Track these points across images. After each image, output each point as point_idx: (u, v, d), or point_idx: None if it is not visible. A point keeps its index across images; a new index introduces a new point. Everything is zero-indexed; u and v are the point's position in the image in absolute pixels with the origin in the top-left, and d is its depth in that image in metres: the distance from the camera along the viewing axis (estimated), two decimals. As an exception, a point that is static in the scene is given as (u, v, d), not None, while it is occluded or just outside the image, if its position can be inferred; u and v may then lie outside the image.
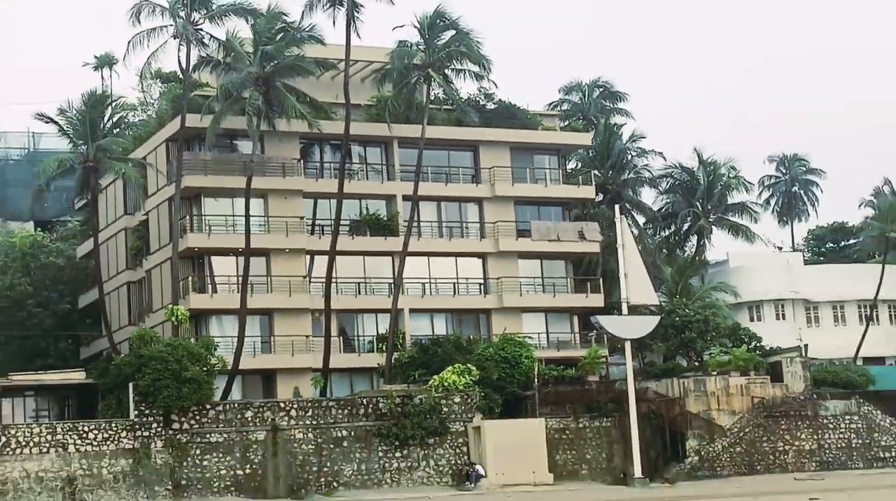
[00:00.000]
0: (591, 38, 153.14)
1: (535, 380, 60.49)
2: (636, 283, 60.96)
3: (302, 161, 65.32)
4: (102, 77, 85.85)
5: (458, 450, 57.79)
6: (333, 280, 62.12)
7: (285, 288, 62.86)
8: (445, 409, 57.82)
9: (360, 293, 65.29)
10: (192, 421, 54.19)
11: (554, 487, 56.77)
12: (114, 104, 64.66)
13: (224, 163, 63.03)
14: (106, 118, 63.06)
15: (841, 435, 63.60)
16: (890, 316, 78.09)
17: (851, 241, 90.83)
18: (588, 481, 59.31)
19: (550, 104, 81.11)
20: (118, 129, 64.83)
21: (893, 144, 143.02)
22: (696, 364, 67.31)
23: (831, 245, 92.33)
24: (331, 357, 61.64)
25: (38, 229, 78.32)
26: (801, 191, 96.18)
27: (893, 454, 63.96)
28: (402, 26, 63.83)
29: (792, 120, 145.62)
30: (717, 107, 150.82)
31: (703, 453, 61.07)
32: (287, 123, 62.37)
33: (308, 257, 64.30)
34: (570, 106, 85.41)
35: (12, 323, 65.95)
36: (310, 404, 56.90)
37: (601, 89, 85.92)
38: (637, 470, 58.46)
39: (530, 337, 65.25)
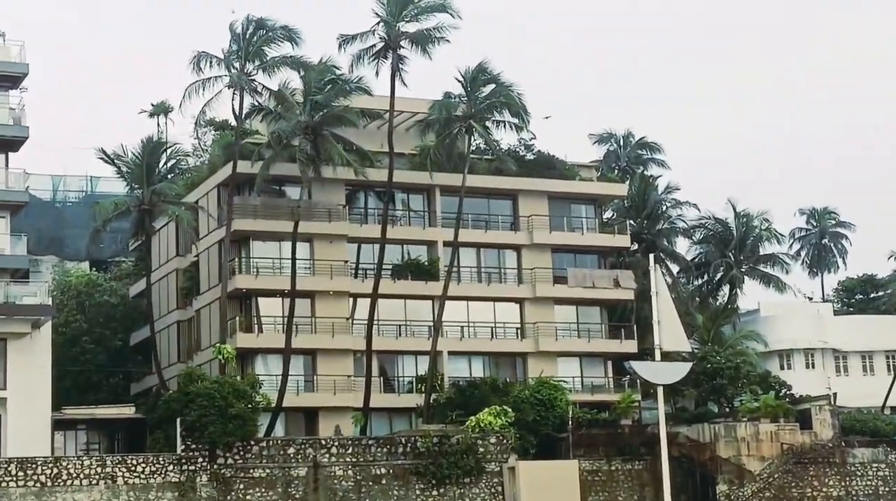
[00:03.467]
0: (625, 88, 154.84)
1: (570, 423, 61.51)
2: (669, 330, 61.83)
3: (347, 207, 67.01)
4: (158, 124, 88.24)
5: (493, 490, 58.79)
6: (375, 322, 63.59)
7: (329, 329, 64.53)
8: (481, 449, 58.86)
9: (400, 335, 66.85)
10: (237, 457, 55.36)
11: (588, 528, 57.79)
12: (169, 150, 66.70)
13: (272, 207, 64.84)
14: (161, 163, 65.19)
15: (868, 483, 64.44)
16: (918, 365, 79.08)
17: (880, 293, 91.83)
18: (619, 522, 60.39)
19: (592, 161, 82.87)
20: (172, 174, 66.62)
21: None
22: (727, 410, 68.21)
23: (860, 296, 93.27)
24: (371, 396, 62.91)
25: (94, 269, 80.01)
26: (831, 244, 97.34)
27: (920, 502, 64.90)
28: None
29: (822, 172, 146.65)
30: (749, 157, 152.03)
31: (732, 497, 61.99)
32: (333, 170, 64.27)
33: (351, 299, 65.91)
34: (605, 155, 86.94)
35: (67, 359, 67.35)
36: (350, 442, 58.08)
37: (635, 139, 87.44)
38: (667, 513, 59.56)
39: (565, 381, 66.36)
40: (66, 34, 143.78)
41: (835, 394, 67.28)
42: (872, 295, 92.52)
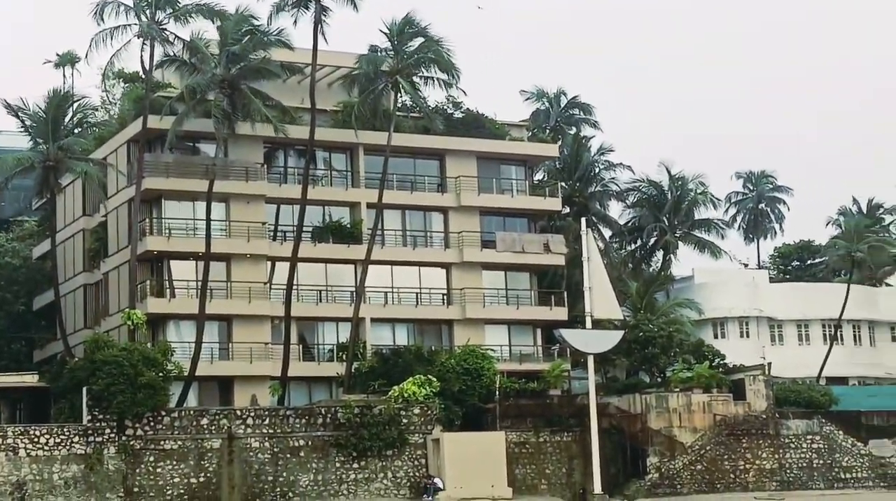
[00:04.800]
0: (557, 50, 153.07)
1: (497, 393, 60.01)
2: (601, 297, 60.45)
3: (265, 166, 64.48)
4: (64, 76, 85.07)
5: (416, 462, 57.27)
6: (294, 287, 61.31)
7: (245, 295, 62.01)
8: (405, 420, 57.31)
9: (321, 301, 64.46)
10: (147, 428, 53.43)
11: (512, 501, 56.30)
12: (76, 103, 63.59)
13: (186, 165, 62.19)
14: (68, 117, 62.22)
15: (802, 455, 63.43)
16: (854, 336, 78.04)
17: (817, 260, 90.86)
18: (547, 496, 58.99)
19: (522, 121, 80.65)
20: (80, 129, 63.80)
21: (860, 164, 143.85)
22: (659, 380, 67.05)
23: (797, 263, 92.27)
24: (290, 365, 60.81)
25: (-6, 228, 77.19)
26: (768, 209, 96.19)
27: (854, 475, 63.82)
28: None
29: (760, 139, 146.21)
30: (684, 125, 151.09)
31: (663, 470, 60.70)
32: (251, 127, 61.79)
33: (269, 263, 63.51)
34: (534, 114, 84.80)
35: (-35, 324, 64.95)
36: (267, 412, 56.26)
37: (567, 99, 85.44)
38: (596, 486, 57.91)
39: (492, 350, 64.68)
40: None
41: (769, 364, 66.00)
42: (809, 262, 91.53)
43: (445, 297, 67.69)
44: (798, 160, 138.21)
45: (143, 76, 64.18)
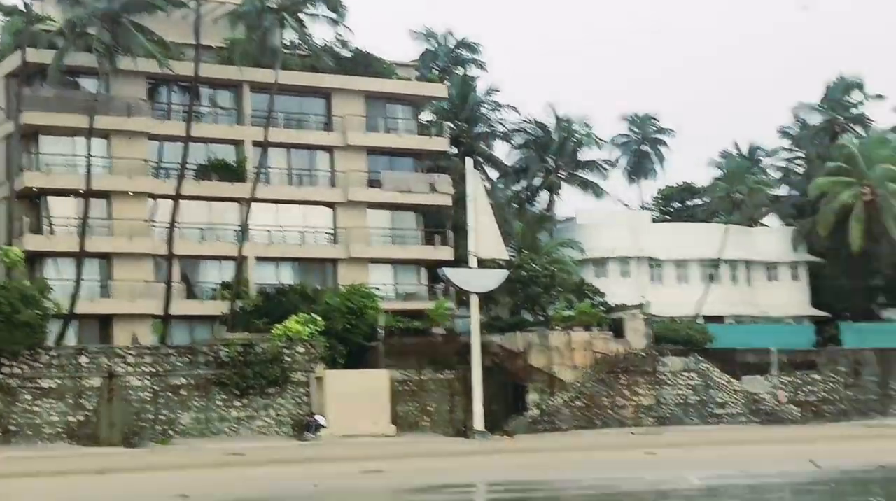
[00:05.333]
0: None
1: (381, 332, 60.28)
2: (485, 237, 61.05)
3: (148, 102, 63.53)
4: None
5: (299, 400, 57.39)
6: (177, 224, 60.74)
7: (126, 232, 61.21)
8: (288, 359, 57.32)
9: (204, 239, 63.87)
10: (24, 366, 52.76)
11: (395, 438, 56.77)
12: (-49, 34, 62.02)
13: (66, 100, 60.89)
14: (-57, 49, 60.66)
15: (679, 391, 64.77)
16: (732, 275, 79.52)
17: (698, 201, 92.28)
18: (430, 433, 59.48)
19: (411, 61, 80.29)
20: (-45, 61, 62.26)
21: (741, 107, 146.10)
22: (541, 318, 67.81)
23: (678, 204, 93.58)
24: (172, 303, 60.48)
25: None
26: (651, 151, 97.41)
27: (728, 410, 65.40)
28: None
29: (645, 82, 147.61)
30: (570, 67, 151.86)
31: (544, 406, 61.65)
32: (134, 62, 60.86)
33: (151, 200, 62.65)
34: (423, 54, 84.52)
35: None
36: (148, 351, 55.91)
37: (456, 39, 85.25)
38: (478, 423, 58.80)
39: (377, 289, 64.71)
40: None
41: (648, 303, 67.17)
42: (690, 204, 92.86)
43: (331, 236, 67.58)
44: (681, 103, 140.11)
45: (23, 9, 62.60)
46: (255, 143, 64.30)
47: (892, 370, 69.63)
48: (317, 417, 56.27)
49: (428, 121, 75.68)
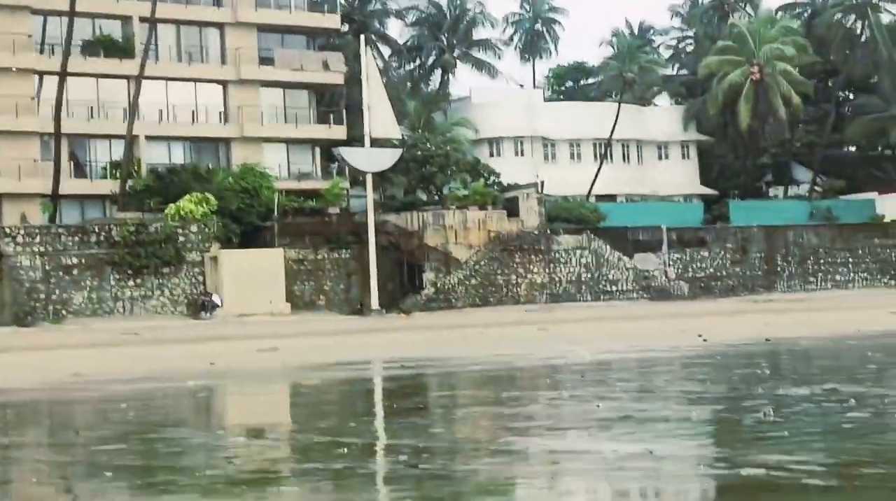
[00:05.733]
0: None
1: (275, 211, 60.05)
2: (379, 116, 60.76)
3: (30, -26, 61.57)
4: None
5: (194, 280, 57.22)
6: (64, 102, 59.32)
7: (11, 110, 59.66)
8: (182, 238, 57.00)
9: (92, 117, 62.57)
10: (-90, 247, 51.73)
11: (291, 317, 56.91)
12: None
13: (-57, -27, 58.83)
14: None
15: (571, 269, 65.72)
16: (623, 154, 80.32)
17: (590, 81, 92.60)
18: (326, 312, 59.75)
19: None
20: None
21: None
22: (436, 198, 68.04)
23: (571, 84, 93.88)
24: (61, 182, 59.29)
25: None
26: (544, 29, 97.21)
27: (620, 287, 66.61)
28: None
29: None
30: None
31: (439, 285, 62.21)
32: (13, -70, 58.75)
33: (37, 77, 61.14)
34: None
35: None
36: (38, 230, 55.13)
37: None
38: (374, 301, 59.15)
39: (271, 168, 64.30)
40: None
41: (542, 182, 67.65)
42: (583, 83, 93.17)
43: (222, 115, 66.65)
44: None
45: None
46: (143, 19, 62.75)
47: (777, 246, 71.34)
48: (212, 296, 56.16)
49: (320, -2, 74.54)
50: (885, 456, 13.30)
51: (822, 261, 71.96)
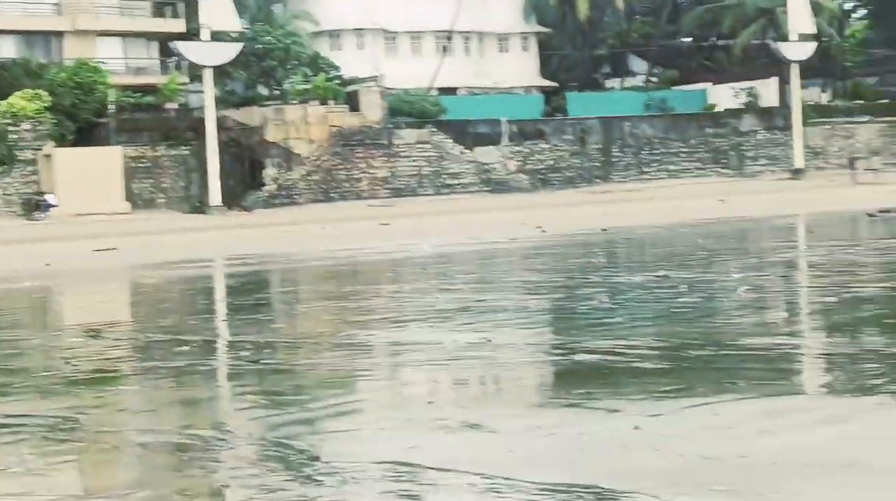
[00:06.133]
0: None
1: (111, 108, 58.66)
2: (217, 9, 59.56)
3: None
4: None
5: (27, 180, 55.79)
6: None
7: None
8: (14, 137, 55.45)
9: (-87, 9, 60.07)
10: None
11: (130, 216, 56.04)
12: None
13: None
14: None
15: (413, 163, 65.88)
16: (465, 47, 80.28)
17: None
18: (165, 210, 58.95)
19: None
20: None
21: None
22: (277, 93, 67.26)
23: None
24: None
25: None
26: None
27: (461, 181, 67.07)
28: None
29: None
30: None
31: (280, 181, 61.82)
32: None
33: None
34: None
35: None
36: None
37: None
38: (214, 199, 58.53)
39: (106, 63, 62.52)
40: None
41: (383, 76, 67.33)
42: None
43: (55, 7, 64.39)
44: None
45: None
46: None
47: (613, 138, 72.53)
48: (46, 196, 54.83)
49: None
50: (711, 339, 13.87)
51: (656, 152, 73.39)
